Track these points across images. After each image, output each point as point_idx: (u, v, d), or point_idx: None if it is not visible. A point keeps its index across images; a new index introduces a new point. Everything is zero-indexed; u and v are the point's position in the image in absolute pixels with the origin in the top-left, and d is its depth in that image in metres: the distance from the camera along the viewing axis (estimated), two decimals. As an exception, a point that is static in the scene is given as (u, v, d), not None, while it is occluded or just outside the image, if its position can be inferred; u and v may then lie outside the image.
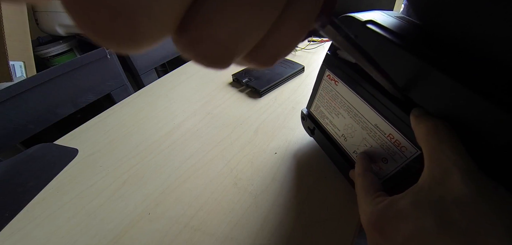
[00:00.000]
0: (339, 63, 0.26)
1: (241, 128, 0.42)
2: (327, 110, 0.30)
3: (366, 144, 0.25)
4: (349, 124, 0.27)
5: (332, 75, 0.28)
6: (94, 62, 0.74)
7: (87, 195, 0.33)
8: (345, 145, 0.29)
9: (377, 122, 0.23)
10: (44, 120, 0.67)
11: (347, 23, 0.24)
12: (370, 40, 0.22)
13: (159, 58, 0.95)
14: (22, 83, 0.61)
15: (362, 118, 0.25)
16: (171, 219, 0.29)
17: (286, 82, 0.54)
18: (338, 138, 0.29)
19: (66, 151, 0.41)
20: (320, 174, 0.33)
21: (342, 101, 0.27)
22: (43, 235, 0.29)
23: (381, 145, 0.23)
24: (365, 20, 0.23)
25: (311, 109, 0.33)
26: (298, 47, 0.69)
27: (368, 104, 0.23)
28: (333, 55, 0.27)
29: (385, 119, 0.22)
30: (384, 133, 0.23)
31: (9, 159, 0.41)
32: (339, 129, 0.29)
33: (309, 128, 0.35)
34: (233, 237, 0.27)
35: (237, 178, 0.33)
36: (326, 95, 0.29)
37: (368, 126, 0.24)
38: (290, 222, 0.28)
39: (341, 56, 0.26)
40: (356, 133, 0.26)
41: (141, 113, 0.48)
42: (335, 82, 0.27)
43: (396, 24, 0.22)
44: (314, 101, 0.32)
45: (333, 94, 0.28)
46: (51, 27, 0.75)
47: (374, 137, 0.24)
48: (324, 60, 0.28)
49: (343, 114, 0.27)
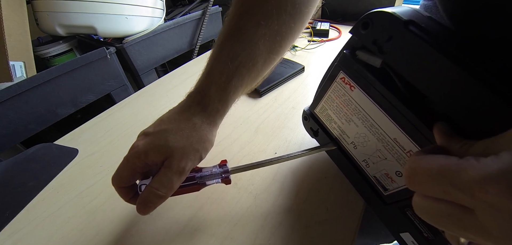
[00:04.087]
0: (358, 67, 0.23)
1: (241, 128, 0.42)
2: (336, 115, 0.27)
3: (380, 156, 0.24)
4: (362, 133, 0.25)
5: (347, 79, 0.24)
6: (94, 62, 0.74)
7: (87, 195, 0.33)
8: (354, 152, 0.27)
9: (397, 136, 0.21)
10: (44, 120, 0.68)
11: (381, 21, 0.20)
12: (411, 47, 0.18)
13: (159, 58, 0.95)
14: (22, 83, 0.61)
15: (379, 130, 0.23)
16: (171, 219, 0.29)
17: (286, 82, 0.54)
18: (347, 144, 0.27)
19: (66, 151, 0.41)
20: (320, 174, 0.33)
21: (357, 109, 0.24)
22: (43, 235, 0.29)
23: (398, 159, 0.22)
24: (405, 19, 0.18)
25: (316, 110, 0.30)
26: (298, 47, 0.69)
27: (389, 116, 0.21)
28: (352, 56, 0.23)
29: (407, 135, 0.20)
30: (404, 148, 0.21)
31: (9, 159, 0.41)
32: (349, 136, 0.27)
33: (311, 129, 0.33)
34: (233, 237, 0.27)
35: (237, 178, 0.33)
36: (336, 99, 0.26)
37: (386, 139, 0.22)
38: (290, 222, 0.28)
39: (361, 59, 0.23)
40: (369, 143, 0.24)
41: (141, 114, 0.48)
42: (351, 87, 0.24)
43: (434, 28, 0.18)
44: (321, 102, 0.29)
45: (346, 99, 0.25)
46: (51, 27, 0.75)
47: (391, 151, 0.22)
48: (340, 61, 0.25)
49: (355, 122, 0.25)
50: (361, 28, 0.21)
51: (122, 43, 0.81)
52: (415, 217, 0.23)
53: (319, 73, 0.57)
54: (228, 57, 0.24)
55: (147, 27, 0.85)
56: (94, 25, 0.76)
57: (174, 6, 1.17)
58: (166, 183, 0.22)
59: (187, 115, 0.24)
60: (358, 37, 0.22)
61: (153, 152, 0.23)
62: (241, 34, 0.24)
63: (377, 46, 0.20)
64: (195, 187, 0.26)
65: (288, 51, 0.68)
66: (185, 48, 1.04)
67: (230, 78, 0.24)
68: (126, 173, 0.24)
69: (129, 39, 0.82)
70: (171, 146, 0.23)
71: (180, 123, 0.24)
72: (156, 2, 0.86)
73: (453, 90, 0.16)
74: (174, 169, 0.23)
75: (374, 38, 0.20)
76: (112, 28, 0.78)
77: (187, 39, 1.03)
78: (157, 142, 0.23)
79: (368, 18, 0.21)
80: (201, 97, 0.25)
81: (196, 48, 1.04)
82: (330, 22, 0.82)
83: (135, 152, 0.23)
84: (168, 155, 0.23)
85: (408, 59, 0.18)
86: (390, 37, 0.19)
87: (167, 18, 0.97)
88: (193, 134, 0.24)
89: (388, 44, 0.19)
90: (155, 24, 0.88)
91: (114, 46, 0.80)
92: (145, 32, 0.85)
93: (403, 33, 0.18)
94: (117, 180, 0.24)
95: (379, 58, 0.20)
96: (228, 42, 0.25)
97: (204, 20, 1.03)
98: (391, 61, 0.19)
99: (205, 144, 0.25)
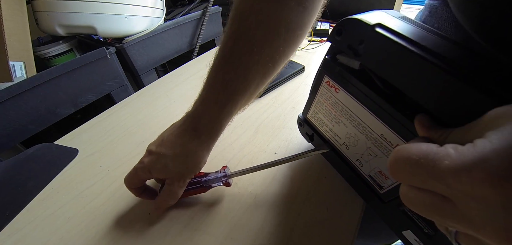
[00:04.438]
0: (339, 70, 0.24)
1: (241, 128, 0.42)
2: (326, 118, 0.28)
3: (371, 153, 0.24)
4: (352, 133, 0.25)
5: (332, 82, 0.26)
6: (94, 62, 0.74)
7: (87, 195, 0.33)
8: (347, 153, 0.28)
9: (384, 132, 0.22)
10: (44, 120, 0.67)
11: (351, 27, 0.22)
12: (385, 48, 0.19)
13: (159, 58, 0.95)
14: (22, 83, 0.61)
15: (367, 128, 0.23)
16: (171, 219, 0.29)
17: (286, 82, 0.54)
18: (340, 146, 0.28)
19: (66, 151, 0.41)
20: (320, 174, 0.33)
21: (344, 109, 0.25)
22: (43, 235, 0.29)
23: (387, 155, 0.22)
24: (373, 23, 0.20)
25: (308, 115, 0.31)
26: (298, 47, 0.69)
27: (374, 114, 0.22)
28: (332, 60, 0.25)
29: (392, 130, 0.21)
30: (391, 143, 0.21)
31: (9, 159, 0.41)
32: (340, 137, 0.27)
33: (307, 134, 0.34)
34: (233, 237, 0.27)
35: (237, 178, 0.33)
36: (325, 103, 0.28)
37: (373, 136, 0.23)
38: (290, 222, 0.28)
39: (341, 62, 0.24)
40: (359, 142, 0.25)
41: (141, 113, 0.48)
42: (336, 90, 0.25)
43: (414, 32, 0.19)
44: (311, 108, 0.30)
45: (333, 101, 0.26)
46: (51, 27, 0.75)
47: (380, 147, 0.23)
48: (322, 65, 0.26)
49: (344, 123, 0.26)
50: (335, 35, 0.23)
51: (122, 43, 0.81)
52: (413, 213, 0.23)
53: (319, 73, 0.57)
54: (222, 84, 0.26)
55: (147, 27, 0.85)
56: (94, 25, 0.76)
57: (174, 6, 1.17)
58: (171, 195, 0.28)
59: (182, 141, 0.27)
60: (335, 44, 0.24)
61: (155, 172, 0.27)
62: (235, 60, 0.25)
63: (352, 50, 0.22)
64: (201, 189, 0.30)
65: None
66: (185, 48, 1.04)
67: (223, 105, 0.26)
68: (135, 181, 0.29)
69: (129, 39, 0.82)
70: (170, 171, 0.27)
71: (177, 149, 0.27)
72: (156, 2, 0.86)
73: (423, 82, 0.17)
74: (175, 187, 0.28)
75: (348, 43, 0.22)
76: (112, 28, 0.78)
77: (187, 39, 1.03)
78: (158, 166, 0.27)
79: (340, 26, 0.23)
80: (196, 124, 0.27)
81: (196, 48, 1.04)
82: (330, 22, 0.82)
83: (141, 168, 0.28)
84: (168, 176, 0.28)
85: (380, 59, 0.19)
86: (361, 40, 0.21)
87: (167, 18, 0.97)
88: (188, 160, 0.27)
89: (361, 47, 0.21)
90: (155, 24, 0.88)
91: (114, 46, 0.80)
92: (145, 32, 0.85)
93: (372, 36, 0.20)
94: (129, 183, 0.29)
95: (357, 60, 0.22)
96: (223, 68, 0.26)
97: (204, 20, 1.03)
98: (367, 62, 0.21)
99: (199, 165, 0.28)
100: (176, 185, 0.27)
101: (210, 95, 0.27)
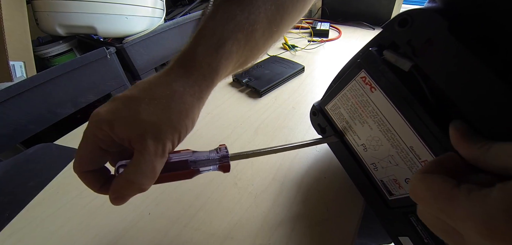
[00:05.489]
0: (383, 68, 0.21)
1: (241, 128, 0.42)
2: (348, 115, 0.26)
3: (391, 161, 0.23)
4: (376, 137, 0.24)
5: (368, 79, 0.22)
6: (94, 62, 0.74)
7: (87, 195, 0.33)
8: (364, 154, 0.26)
9: (414, 145, 0.20)
10: (44, 120, 0.67)
11: (421, 21, 0.18)
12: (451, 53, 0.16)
13: (159, 58, 0.95)
14: (22, 83, 0.61)
15: (395, 136, 0.22)
16: (171, 219, 0.29)
17: (286, 82, 0.54)
18: (356, 146, 0.27)
19: (66, 151, 0.41)
20: (320, 174, 0.33)
21: (374, 111, 0.23)
22: (43, 235, 0.29)
23: (410, 167, 0.21)
24: (449, 23, 0.17)
25: (327, 107, 0.29)
26: (298, 47, 0.69)
27: (409, 123, 0.20)
28: (378, 55, 0.22)
29: (425, 144, 0.19)
30: (419, 157, 0.20)
31: (9, 159, 0.41)
32: (360, 137, 0.26)
33: (319, 125, 0.31)
34: (233, 237, 0.27)
35: (237, 178, 0.33)
36: (352, 99, 0.25)
37: (401, 145, 0.21)
38: (290, 221, 0.28)
39: (388, 59, 0.21)
40: (381, 148, 0.23)
41: (141, 113, 0.48)
42: (371, 88, 0.22)
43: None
44: (334, 100, 0.27)
45: (364, 100, 0.24)
46: (51, 27, 0.75)
47: (405, 158, 0.21)
48: (363, 58, 0.23)
49: (370, 125, 0.24)
50: (397, 24, 0.19)
51: (122, 43, 0.81)
52: (418, 223, 0.23)
53: (319, 73, 0.57)
54: (223, 17, 0.20)
55: (147, 27, 0.85)
56: (94, 25, 0.76)
57: (174, 6, 1.17)
58: (141, 168, 0.17)
59: (166, 80, 0.19)
60: (391, 34, 0.20)
61: (119, 123, 0.17)
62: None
63: (411, 47, 0.19)
64: (186, 172, 0.21)
65: (288, 51, 0.68)
66: (185, 48, 1.04)
67: (223, 39, 0.20)
68: (86, 151, 0.19)
69: (129, 39, 0.82)
70: (143, 120, 0.17)
71: (156, 89, 0.18)
72: (156, 2, 0.86)
73: (496, 108, 0.15)
74: (148, 153, 0.17)
75: (410, 38, 0.19)
76: (112, 28, 0.78)
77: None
78: (124, 112, 0.18)
79: (408, 15, 0.19)
80: (185, 60, 0.20)
81: (196, 48, 1.04)
82: (330, 22, 0.82)
83: (96, 121, 0.18)
84: (140, 132, 0.17)
85: (445, 65, 0.17)
86: (429, 39, 0.17)
87: (167, 18, 0.97)
88: (171, 105, 0.18)
89: (426, 46, 0.18)
90: (155, 24, 0.88)
91: (114, 46, 0.80)
92: (145, 32, 0.85)
93: (445, 37, 0.16)
94: (78, 162, 0.19)
95: (409, 61, 0.19)
96: (225, 2, 0.21)
97: (204, 20, 1.03)
98: (426, 66, 0.18)
99: (185, 121, 0.19)
100: (150, 149, 0.17)
101: (208, 25, 0.21)
